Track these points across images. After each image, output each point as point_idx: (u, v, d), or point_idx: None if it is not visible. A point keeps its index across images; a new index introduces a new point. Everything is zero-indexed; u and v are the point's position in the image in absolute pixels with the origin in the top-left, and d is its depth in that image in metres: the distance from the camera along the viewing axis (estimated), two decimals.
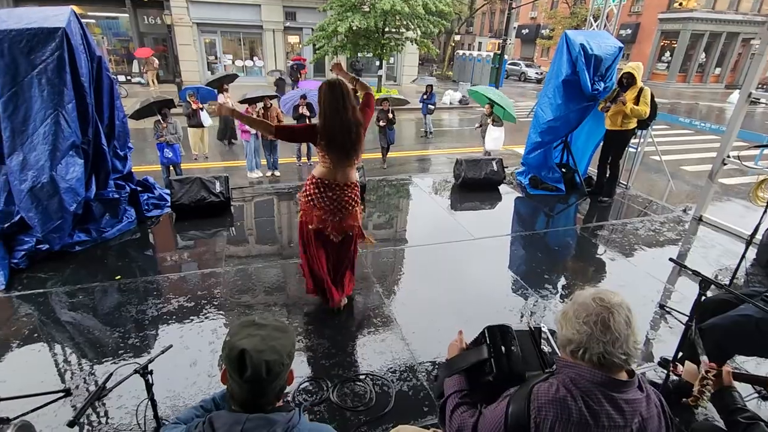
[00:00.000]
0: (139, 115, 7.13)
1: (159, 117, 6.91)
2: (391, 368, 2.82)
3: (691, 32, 27.36)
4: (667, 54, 29.04)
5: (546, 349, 1.51)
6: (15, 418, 2.04)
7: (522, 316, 3.46)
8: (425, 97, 11.48)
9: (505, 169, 6.44)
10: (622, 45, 5.50)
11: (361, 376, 2.74)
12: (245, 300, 3.53)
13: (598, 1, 7.05)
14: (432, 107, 11.74)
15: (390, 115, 8.60)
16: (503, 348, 1.46)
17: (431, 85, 11.76)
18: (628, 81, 5.14)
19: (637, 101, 5.11)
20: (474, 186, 6.13)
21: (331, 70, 2.83)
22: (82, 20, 4.07)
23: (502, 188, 6.31)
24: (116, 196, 4.44)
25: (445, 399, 1.48)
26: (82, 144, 4.04)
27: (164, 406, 2.41)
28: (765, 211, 3.36)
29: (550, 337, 1.57)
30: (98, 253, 4.17)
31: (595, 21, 6.52)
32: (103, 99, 4.31)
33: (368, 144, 11.44)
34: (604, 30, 6.24)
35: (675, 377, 2.34)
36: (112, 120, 4.48)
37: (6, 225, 3.89)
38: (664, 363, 2.60)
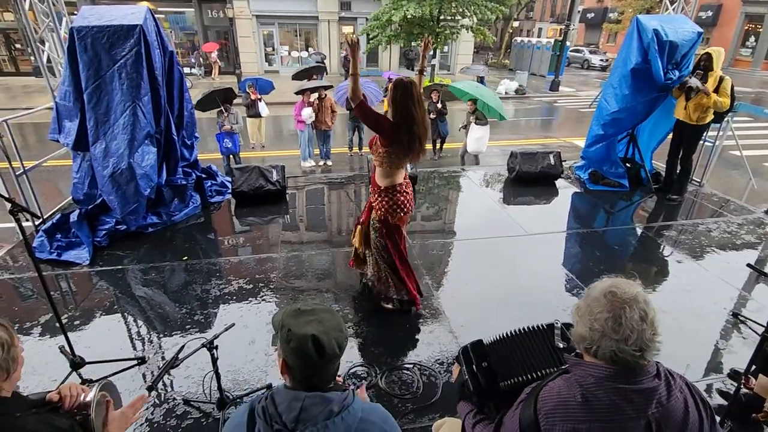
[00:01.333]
0: (201, 106, 7.52)
1: (222, 107, 7.28)
2: (438, 359, 2.84)
3: None
4: (752, 39, 26.15)
5: (561, 344, 1.50)
6: (99, 380, 2.29)
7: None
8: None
9: (563, 163, 6.16)
10: (701, 30, 5.03)
11: (409, 365, 2.78)
12: (299, 285, 3.69)
13: None
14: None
15: (440, 106, 8.30)
16: (474, 367, 1.50)
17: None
18: (706, 65, 4.70)
19: (716, 91, 4.68)
20: (529, 180, 5.93)
21: (345, 51, 2.70)
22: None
23: (559, 183, 6.05)
24: (184, 182, 4.76)
25: (463, 421, 1.51)
26: (156, 134, 4.37)
27: (226, 380, 2.59)
28: None
29: (565, 331, 1.51)
30: (168, 235, 4.51)
31: (672, 4, 6.01)
32: (173, 92, 4.63)
33: None
34: (681, 14, 5.74)
35: (746, 390, 2.18)
36: (181, 111, 4.80)
37: (90, 207, 4.31)
38: (734, 375, 2.42)
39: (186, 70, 20.05)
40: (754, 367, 2.32)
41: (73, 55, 3.94)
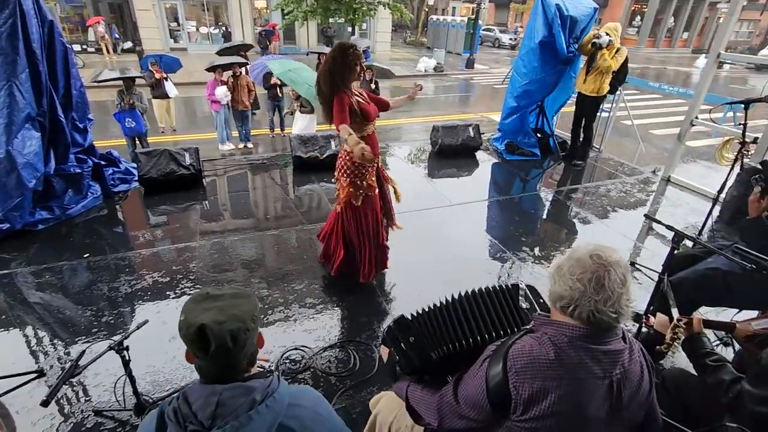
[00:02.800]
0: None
1: (123, 86, 6.50)
2: (375, 334, 2.85)
3: None
4: (638, 18, 29.20)
5: (524, 305, 1.53)
6: None
7: (508, 277, 3.53)
8: None
9: (482, 135, 6.42)
10: (597, 6, 5.45)
11: (345, 343, 2.75)
12: (223, 273, 3.46)
13: None
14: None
15: (373, 86, 8.15)
16: (402, 344, 1.48)
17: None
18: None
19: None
20: (451, 153, 6.11)
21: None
22: None
23: (479, 154, 6.31)
24: (78, 170, 4.20)
25: (406, 399, 1.47)
26: (38, 116, 3.78)
27: (144, 382, 2.37)
28: (731, 171, 3.47)
29: (528, 293, 1.55)
30: (63, 231, 3.98)
31: None
32: (56, 67, 4.00)
33: None
34: None
35: (646, 329, 2.45)
36: (68, 89, 4.18)
37: None
38: (636, 317, 2.72)
39: (76, 47, 17.69)
40: (652, 307, 2.63)
41: None
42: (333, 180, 3.11)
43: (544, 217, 4.77)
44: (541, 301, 1.57)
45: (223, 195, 5.09)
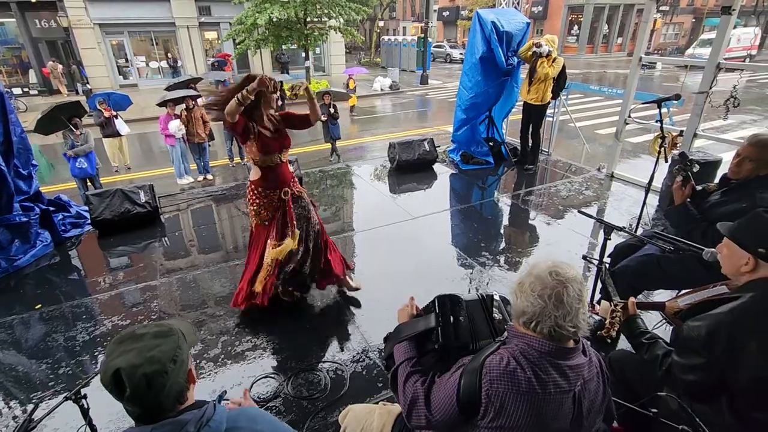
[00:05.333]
0: (43, 127, 6.45)
1: (70, 126, 6.32)
2: (343, 352, 2.87)
3: (594, 6, 29.46)
4: (576, 28, 31.09)
5: (497, 316, 1.54)
6: None
7: (470, 283, 3.64)
8: None
9: (437, 148, 6.64)
10: (529, 21, 5.83)
11: (315, 365, 2.76)
12: (186, 309, 3.40)
13: None
14: None
15: (332, 110, 8.29)
16: (451, 317, 1.47)
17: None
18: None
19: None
20: (409, 167, 6.28)
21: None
22: None
23: (436, 167, 6.51)
24: (24, 219, 4.04)
25: (396, 367, 1.49)
26: None
27: (107, 431, 2.29)
28: (656, 163, 3.77)
29: (501, 304, 1.57)
30: (12, 284, 3.80)
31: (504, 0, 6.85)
32: None
33: (304, 136, 11.26)
34: (511, 7, 6.56)
35: (594, 317, 2.61)
36: (7, 136, 4.05)
37: None
38: None
39: (17, 91, 17.03)
40: (600, 296, 2.79)
41: None
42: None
43: (503, 222, 4.96)
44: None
45: (186, 229, 5.00)
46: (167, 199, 5.63)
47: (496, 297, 1.59)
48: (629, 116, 5.34)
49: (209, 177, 8.02)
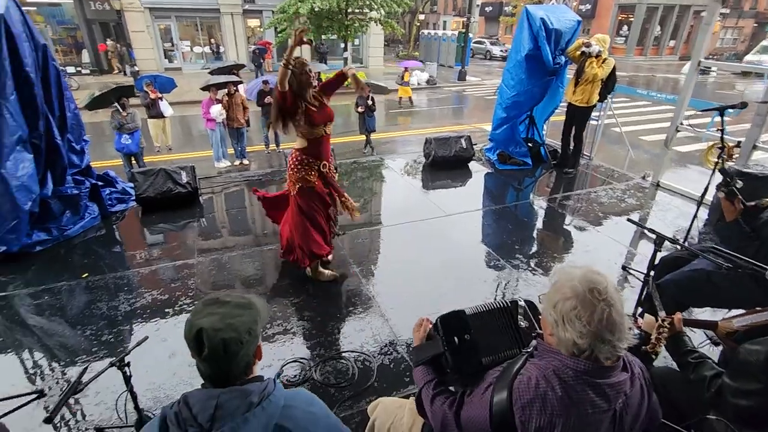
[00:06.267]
0: (95, 104, 6.75)
1: (117, 106, 6.59)
2: (372, 344, 2.88)
3: (647, 6, 28.12)
4: (625, 28, 29.79)
5: (523, 324, 1.47)
6: None
7: (502, 284, 3.58)
8: None
9: (474, 146, 6.53)
10: (580, 19, 5.62)
11: (343, 354, 2.79)
12: (221, 289, 3.50)
13: None
14: None
15: (370, 102, 8.21)
16: (456, 339, 1.42)
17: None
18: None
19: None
20: (444, 164, 6.20)
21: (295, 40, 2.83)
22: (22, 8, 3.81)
23: (472, 165, 6.41)
24: (75, 192, 4.25)
25: (420, 390, 1.45)
26: (33, 138, 3.84)
27: (145, 399, 2.39)
28: (713, 173, 3.57)
29: (527, 311, 1.49)
30: (62, 252, 4.01)
31: None
32: (51, 90, 4.08)
33: (338, 127, 11.32)
34: (562, 4, 6.34)
35: (636, 331, 2.50)
36: (62, 112, 4.25)
37: None
38: None
39: (70, 69, 17.88)
40: (640, 309, 2.68)
41: None
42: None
43: (538, 225, 4.84)
44: (540, 317, 1.48)
45: (220, 212, 5.14)
46: (205, 181, 5.79)
47: (521, 303, 1.53)
48: (682, 123, 5.07)
49: (245, 162, 8.20)
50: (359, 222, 4.74)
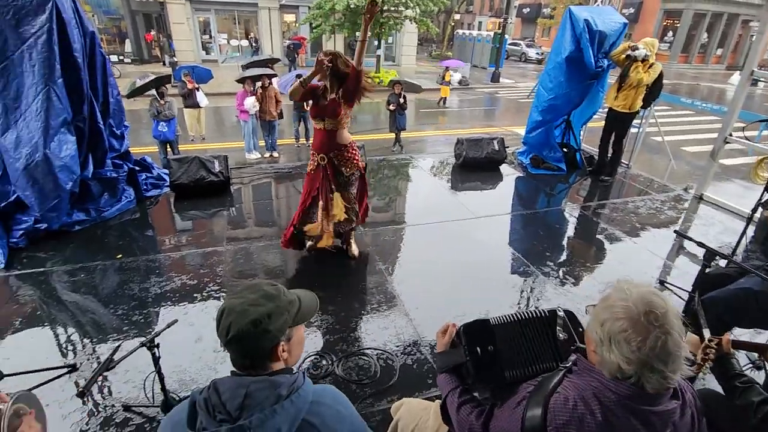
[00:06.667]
0: (135, 93, 6.99)
1: (156, 95, 6.79)
2: (395, 343, 2.84)
3: (694, 12, 26.96)
4: (670, 34, 28.65)
5: (562, 336, 1.38)
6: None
7: (526, 294, 3.48)
8: None
9: (506, 149, 6.39)
10: (626, 21, 5.40)
11: (366, 351, 2.76)
12: (248, 278, 3.53)
13: None
14: None
15: (402, 100, 8.15)
16: (479, 349, 1.35)
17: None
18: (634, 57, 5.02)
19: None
20: (475, 166, 6.09)
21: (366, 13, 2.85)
22: None
23: (503, 168, 6.27)
24: (114, 175, 4.39)
25: (445, 397, 1.41)
26: (77, 121, 3.98)
27: (171, 381, 2.42)
28: (765, 190, 3.36)
29: (567, 322, 1.40)
30: (98, 233, 4.14)
31: None
32: (96, 76, 4.22)
33: (368, 124, 11.33)
34: (609, 6, 6.12)
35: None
36: (106, 97, 4.39)
37: (2, 204, 3.85)
38: None
39: (113, 58, 18.57)
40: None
41: None
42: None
43: (570, 232, 4.68)
44: (581, 330, 1.39)
45: (249, 202, 5.21)
46: (236, 171, 5.88)
47: (560, 314, 1.42)
48: (731, 135, 4.80)
49: (275, 154, 8.30)
50: (386, 219, 4.72)
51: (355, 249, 3.80)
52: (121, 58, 19.45)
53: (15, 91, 3.61)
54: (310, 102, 3.27)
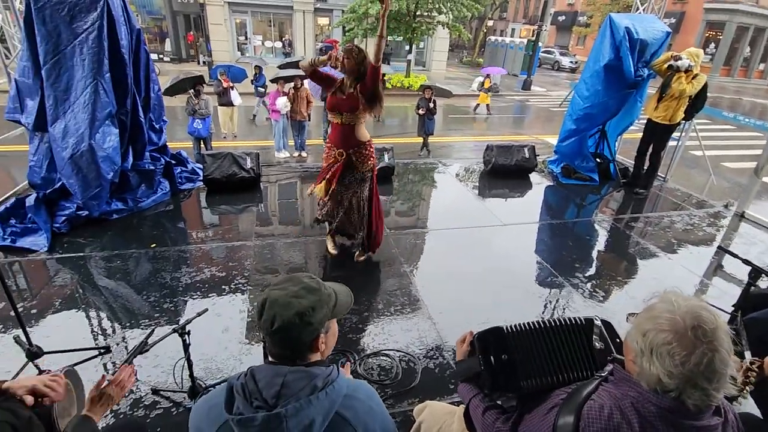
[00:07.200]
0: (172, 91, 7.24)
1: (192, 93, 7.01)
2: (417, 345, 2.83)
3: (737, 25, 25.92)
4: (712, 46, 27.61)
5: (598, 345, 1.32)
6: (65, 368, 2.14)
7: (554, 304, 3.40)
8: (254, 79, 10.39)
9: (537, 157, 6.28)
10: (669, 30, 5.23)
11: (388, 352, 2.75)
12: (273, 273, 3.59)
13: None
14: (262, 90, 10.46)
15: (431, 105, 8.15)
16: (492, 358, 1.33)
17: (259, 67, 10.35)
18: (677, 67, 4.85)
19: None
20: (504, 173, 6.02)
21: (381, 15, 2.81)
22: None
23: (533, 176, 6.17)
24: (152, 167, 4.55)
25: (467, 404, 1.39)
26: (120, 114, 4.15)
27: (197, 368, 2.47)
28: None
29: (603, 331, 1.35)
30: (134, 222, 4.30)
31: (642, 4, 6.21)
32: (140, 72, 4.40)
33: (395, 128, 11.37)
34: (651, 14, 5.94)
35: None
36: (147, 93, 4.57)
37: (48, 191, 4.05)
38: None
39: (153, 56, 19.30)
40: None
41: (31, 27, 3.67)
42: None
43: (601, 245, 4.55)
44: (618, 341, 1.36)
45: (277, 200, 5.30)
46: (265, 168, 5.99)
47: (597, 322, 1.37)
48: None
49: (303, 154, 8.43)
50: (412, 223, 4.71)
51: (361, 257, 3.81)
52: (161, 56, 20.21)
53: (65, 83, 3.79)
54: (327, 95, 3.28)
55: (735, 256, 2.10)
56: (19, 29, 4.41)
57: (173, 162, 5.00)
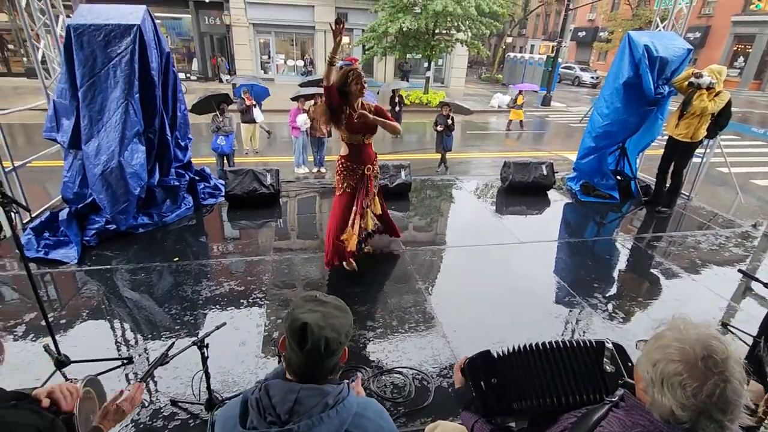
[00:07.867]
0: (198, 109, 7.51)
1: (217, 111, 7.27)
2: (431, 364, 2.82)
3: None
4: (740, 59, 26.96)
5: (609, 368, 1.31)
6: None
7: (571, 325, 3.35)
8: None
9: (555, 174, 6.23)
10: (691, 47, 5.18)
11: (401, 369, 2.76)
12: (290, 288, 3.65)
13: (666, 1, 6.66)
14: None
15: (450, 122, 8.19)
16: (482, 383, 1.35)
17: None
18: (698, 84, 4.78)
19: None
20: (521, 190, 5.99)
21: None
22: None
23: (551, 194, 6.12)
24: (177, 183, 4.72)
25: (472, 427, 1.40)
26: (149, 132, 4.34)
27: (214, 381, 2.53)
28: None
29: (615, 354, 1.34)
30: (159, 236, 4.45)
31: (662, 22, 6.17)
32: (168, 92, 4.60)
33: (413, 144, 11.44)
34: (672, 31, 5.89)
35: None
36: (174, 112, 4.77)
37: (80, 206, 4.25)
38: None
39: (181, 75, 20.10)
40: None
41: (70, 52, 3.91)
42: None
43: (621, 264, 4.46)
44: (630, 364, 1.33)
45: (296, 215, 5.40)
46: (284, 184, 6.13)
47: (608, 345, 1.36)
48: None
49: (322, 170, 8.57)
50: (428, 239, 4.72)
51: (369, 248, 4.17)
52: (188, 75, 21.01)
53: (100, 104, 4.01)
54: (346, 117, 3.33)
55: (757, 280, 2.04)
56: (58, 53, 4.70)
57: (197, 178, 5.17)
